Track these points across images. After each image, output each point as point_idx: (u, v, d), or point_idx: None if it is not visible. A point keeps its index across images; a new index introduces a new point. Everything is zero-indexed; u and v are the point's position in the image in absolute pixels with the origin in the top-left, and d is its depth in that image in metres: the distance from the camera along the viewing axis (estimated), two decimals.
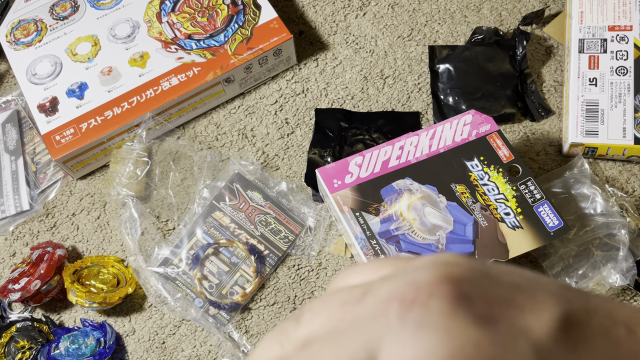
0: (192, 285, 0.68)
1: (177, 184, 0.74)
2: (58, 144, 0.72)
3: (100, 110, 0.73)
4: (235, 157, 0.74)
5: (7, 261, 0.73)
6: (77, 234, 0.73)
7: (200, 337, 0.68)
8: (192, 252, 0.69)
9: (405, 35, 0.82)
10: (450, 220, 0.60)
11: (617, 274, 0.62)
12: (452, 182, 0.62)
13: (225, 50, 0.75)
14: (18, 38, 0.79)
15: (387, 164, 0.63)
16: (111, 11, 0.80)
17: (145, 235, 0.71)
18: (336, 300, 0.20)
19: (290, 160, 0.75)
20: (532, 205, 0.60)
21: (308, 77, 0.80)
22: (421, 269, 0.19)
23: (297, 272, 0.70)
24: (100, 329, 0.67)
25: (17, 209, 0.74)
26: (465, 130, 0.65)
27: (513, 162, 0.62)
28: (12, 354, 0.66)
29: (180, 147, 0.76)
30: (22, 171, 0.77)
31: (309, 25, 0.84)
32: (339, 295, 0.20)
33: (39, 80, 0.76)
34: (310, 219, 0.71)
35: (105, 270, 0.70)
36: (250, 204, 0.72)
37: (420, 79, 0.79)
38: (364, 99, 0.78)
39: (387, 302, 0.18)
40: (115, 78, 0.75)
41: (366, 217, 0.61)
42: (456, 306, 0.17)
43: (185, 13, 0.79)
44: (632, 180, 0.71)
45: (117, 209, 0.74)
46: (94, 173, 0.77)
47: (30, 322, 0.68)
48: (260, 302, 0.69)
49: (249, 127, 0.77)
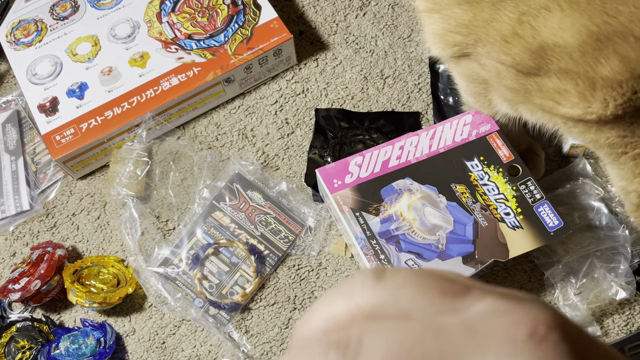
0: (192, 285, 0.68)
1: (177, 184, 0.74)
2: (58, 144, 0.72)
3: (101, 110, 0.73)
4: (235, 157, 0.74)
5: (7, 261, 0.73)
6: (77, 234, 0.74)
7: (200, 337, 0.68)
8: (192, 252, 0.69)
9: (406, 35, 0.82)
10: (450, 220, 0.60)
11: (617, 286, 0.63)
12: (452, 182, 0.62)
13: (225, 50, 0.76)
14: (18, 38, 0.79)
15: (387, 164, 0.63)
16: (111, 11, 0.80)
17: (145, 235, 0.71)
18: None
19: (290, 160, 0.75)
20: (532, 205, 0.60)
21: (308, 77, 0.80)
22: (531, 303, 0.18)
23: (297, 272, 0.70)
24: (100, 329, 0.67)
25: (17, 209, 0.74)
26: (465, 130, 0.65)
27: (513, 162, 0.62)
28: (12, 354, 0.66)
29: (181, 147, 0.76)
30: (22, 171, 0.77)
31: (309, 25, 0.84)
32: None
33: (39, 80, 0.76)
34: (310, 219, 0.71)
35: (105, 270, 0.70)
36: (250, 204, 0.72)
37: (420, 79, 0.79)
38: (364, 99, 0.78)
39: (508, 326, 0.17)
40: (116, 78, 0.75)
41: (366, 217, 0.61)
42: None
43: (186, 13, 0.79)
44: None
45: (117, 209, 0.74)
46: (94, 173, 0.77)
47: (30, 322, 0.68)
48: (260, 302, 0.69)
49: (249, 127, 0.77)
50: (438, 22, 0.54)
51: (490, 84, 0.56)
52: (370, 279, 0.19)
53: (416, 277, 0.18)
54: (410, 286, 0.18)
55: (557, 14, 0.45)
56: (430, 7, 0.55)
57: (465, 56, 0.55)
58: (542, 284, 0.67)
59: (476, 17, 0.50)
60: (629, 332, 0.65)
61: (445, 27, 0.54)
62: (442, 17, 0.53)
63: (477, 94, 0.60)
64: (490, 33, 0.50)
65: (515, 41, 0.48)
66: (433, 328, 0.17)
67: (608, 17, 0.43)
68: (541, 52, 0.47)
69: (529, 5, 0.46)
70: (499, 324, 0.17)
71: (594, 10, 0.44)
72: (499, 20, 0.49)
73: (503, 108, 0.59)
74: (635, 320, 0.66)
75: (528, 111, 0.54)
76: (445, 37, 0.54)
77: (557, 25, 0.45)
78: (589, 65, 0.45)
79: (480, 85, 0.58)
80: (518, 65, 0.49)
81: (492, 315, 0.17)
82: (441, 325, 0.17)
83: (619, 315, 0.66)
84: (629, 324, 0.65)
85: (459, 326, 0.17)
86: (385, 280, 0.19)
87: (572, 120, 0.50)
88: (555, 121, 0.52)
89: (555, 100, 0.49)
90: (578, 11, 0.44)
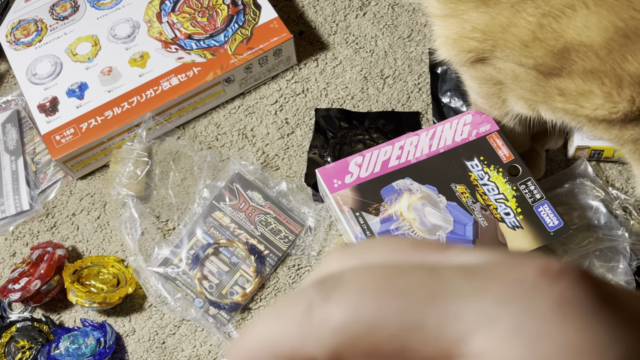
0: (192, 285, 0.68)
1: (177, 184, 0.74)
2: (58, 144, 0.72)
3: (101, 110, 0.73)
4: (235, 157, 0.74)
5: (7, 261, 0.73)
6: (77, 234, 0.73)
7: (200, 337, 0.68)
8: (192, 252, 0.69)
9: (406, 35, 0.82)
10: (450, 220, 0.60)
11: None
12: (452, 182, 0.62)
13: (225, 50, 0.76)
14: (18, 38, 0.79)
15: (387, 164, 0.63)
16: (111, 11, 0.80)
17: (145, 235, 0.71)
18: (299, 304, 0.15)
19: (290, 160, 0.75)
20: (532, 205, 0.60)
21: (308, 77, 0.80)
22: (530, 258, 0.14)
23: (297, 272, 0.70)
24: (100, 329, 0.67)
25: (17, 209, 0.74)
26: (465, 130, 0.65)
27: (513, 162, 0.62)
28: (12, 354, 0.66)
29: (181, 147, 0.76)
30: (22, 171, 0.77)
31: (309, 25, 0.84)
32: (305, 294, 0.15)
33: (39, 80, 0.76)
34: (310, 219, 0.71)
35: (105, 270, 0.70)
36: (250, 204, 0.72)
37: (420, 79, 0.79)
38: (364, 99, 0.78)
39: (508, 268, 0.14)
40: (116, 78, 0.75)
41: (366, 217, 0.61)
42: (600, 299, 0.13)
43: (185, 13, 0.79)
44: (632, 180, 0.71)
45: (117, 209, 0.74)
46: (94, 173, 0.77)
47: (30, 322, 0.68)
48: (260, 302, 0.69)
49: (249, 127, 0.77)
50: (452, 26, 0.52)
51: (506, 85, 0.55)
52: (336, 251, 0.17)
53: (386, 239, 0.16)
54: (380, 245, 0.16)
55: (583, 12, 0.44)
56: (446, 13, 0.53)
57: (481, 61, 0.53)
58: None
59: (493, 20, 0.49)
60: None
61: (459, 31, 0.52)
62: (458, 21, 0.52)
63: (490, 94, 0.59)
64: (508, 38, 0.48)
65: (536, 44, 0.47)
66: (418, 265, 0.14)
67: (635, 12, 0.42)
68: (564, 53, 0.46)
69: (551, 5, 0.45)
70: (499, 267, 0.14)
71: (620, 5, 0.43)
72: (517, 25, 0.47)
73: (518, 108, 0.58)
74: None
75: (549, 110, 0.53)
76: (459, 43, 0.53)
77: (583, 24, 0.44)
78: (615, 62, 0.44)
79: (495, 87, 0.57)
80: (539, 67, 0.48)
81: (490, 263, 0.14)
82: (428, 265, 0.14)
83: None
84: None
85: (450, 268, 0.14)
86: (352, 247, 0.17)
87: (595, 120, 0.49)
88: (579, 120, 0.51)
89: (578, 103, 0.48)
90: (605, 8, 0.43)
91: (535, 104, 0.54)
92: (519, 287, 0.13)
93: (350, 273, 0.15)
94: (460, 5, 0.51)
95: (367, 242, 0.17)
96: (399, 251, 0.16)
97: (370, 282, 0.14)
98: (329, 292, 0.14)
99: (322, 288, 0.14)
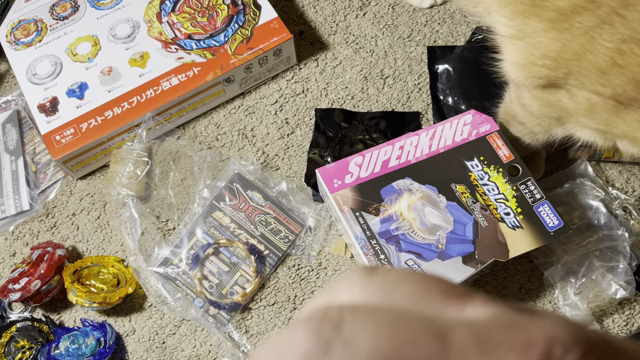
0: (192, 285, 0.68)
1: (177, 184, 0.74)
2: (58, 144, 0.72)
3: (101, 110, 0.73)
4: (235, 157, 0.74)
5: (7, 261, 0.73)
6: (77, 234, 0.74)
7: (200, 337, 0.68)
8: (192, 252, 0.69)
9: (406, 35, 0.82)
10: (450, 220, 0.60)
11: (616, 285, 0.63)
12: (452, 182, 0.62)
13: (225, 50, 0.76)
14: (18, 38, 0.79)
15: (387, 164, 0.63)
16: (111, 11, 0.80)
17: (145, 235, 0.71)
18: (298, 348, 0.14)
19: (290, 160, 0.75)
20: (532, 205, 0.60)
21: (308, 77, 0.80)
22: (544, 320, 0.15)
23: (297, 272, 0.70)
24: (100, 329, 0.67)
25: (17, 209, 0.74)
26: (465, 130, 0.65)
27: (513, 162, 0.62)
28: (12, 354, 0.66)
29: (181, 147, 0.76)
30: (22, 171, 0.77)
31: (309, 25, 0.84)
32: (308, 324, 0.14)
33: (39, 80, 0.76)
34: (310, 219, 0.71)
35: (105, 270, 0.70)
36: (250, 204, 0.72)
37: (420, 79, 0.79)
38: (364, 99, 0.78)
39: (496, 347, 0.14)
40: (116, 78, 0.75)
41: (366, 217, 0.61)
42: None
43: (186, 13, 0.79)
44: (632, 180, 0.71)
45: (117, 209, 0.74)
46: (94, 173, 0.77)
47: (30, 322, 0.68)
48: (260, 302, 0.69)
49: (249, 127, 0.78)
50: (520, 50, 0.49)
51: (571, 114, 0.51)
52: (359, 277, 0.16)
53: (414, 276, 0.16)
54: (407, 283, 0.16)
55: None
56: (513, 33, 0.49)
57: (554, 86, 0.50)
58: (542, 283, 0.67)
59: (565, 48, 0.46)
60: (629, 331, 0.65)
61: (527, 57, 0.49)
62: (526, 45, 0.49)
63: (546, 116, 0.55)
64: (583, 65, 0.45)
65: (615, 72, 0.43)
66: (434, 328, 0.14)
67: None
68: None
69: (632, 29, 0.42)
70: (509, 338, 0.14)
71: None
72: (593, 52, 0.44)
73: (585, 136, 0.53)
74: (636, 320, 0.66)
75: (630, 143, 0.49)
76: (528, 68, 0.50)
77: None
78: None
79: (558, 113, 0.53)
80: (619, 97, 0.45)
81: (501, 327, 0.15)
82: (444, 327, 0.14)
83: (619, 314, 0.66)
84: (629, 324, 0.65)
85: (465, 332, 0.14)
86: (377, 277, 0.16)
87: None
88: None
89: None
90: None
91: (606, 134, 0.50)
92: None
93: (368, 327, 0.14)
94: (529, 22, 0.48)
95: (394, 276, 0.16)
96: (426, 298, 0.16)
97: (384, 345, 0.14)
98: (342, 344, 0.14)
99: (337, 333, 0.14)
